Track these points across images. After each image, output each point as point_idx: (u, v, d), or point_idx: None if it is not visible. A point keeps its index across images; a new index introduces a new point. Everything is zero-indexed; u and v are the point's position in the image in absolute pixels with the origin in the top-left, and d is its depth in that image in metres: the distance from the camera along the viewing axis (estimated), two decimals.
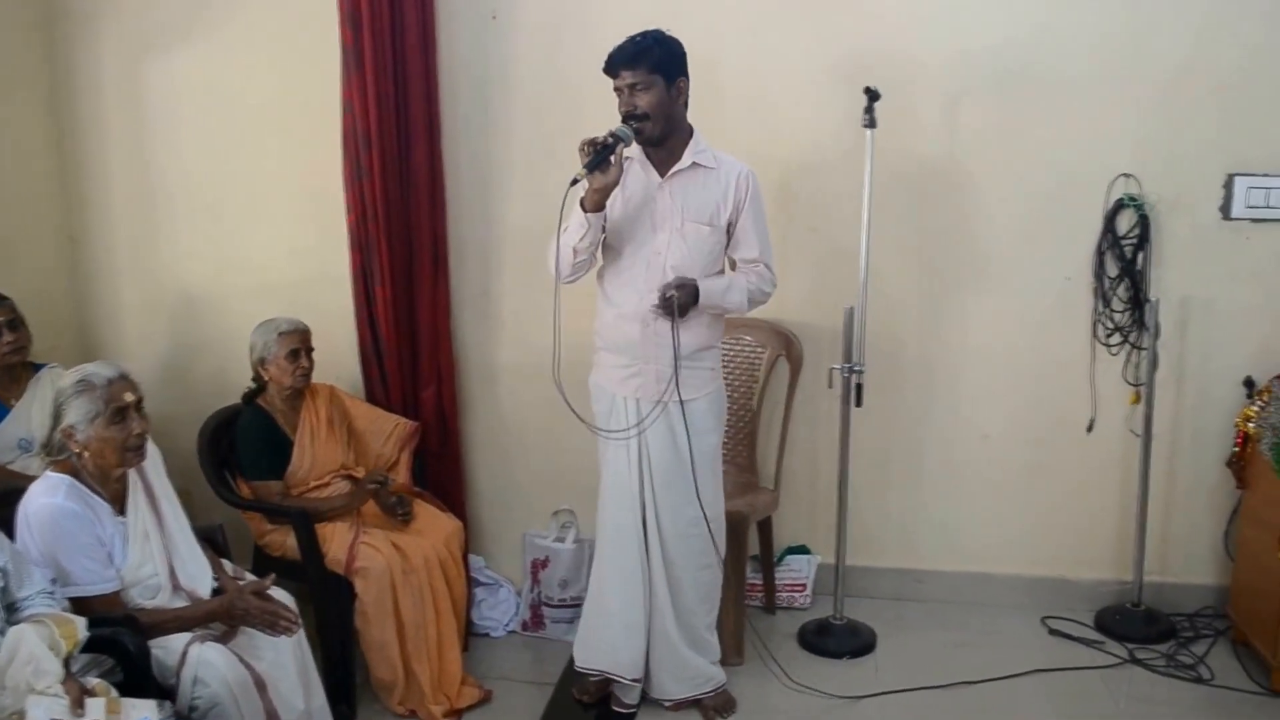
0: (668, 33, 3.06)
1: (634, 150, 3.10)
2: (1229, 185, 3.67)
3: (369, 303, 3.73)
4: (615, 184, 2.97)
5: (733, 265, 3.24)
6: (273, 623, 2.70)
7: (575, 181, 2.93)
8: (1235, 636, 3.73)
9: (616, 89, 3.04)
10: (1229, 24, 3.59)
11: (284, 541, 3.42)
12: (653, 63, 3.00)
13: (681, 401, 3.09)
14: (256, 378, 3.54)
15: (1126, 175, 3.70)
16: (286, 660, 2.82)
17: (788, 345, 3.80)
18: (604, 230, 3.08)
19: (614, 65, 3.02)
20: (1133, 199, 3.69)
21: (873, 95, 3.44)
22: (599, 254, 3.16)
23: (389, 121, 3.61)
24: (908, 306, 3.88)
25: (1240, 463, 3.68)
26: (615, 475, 3.19)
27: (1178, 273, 3.75)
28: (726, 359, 3.74)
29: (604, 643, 3.28)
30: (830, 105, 3.70)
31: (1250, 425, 3.60)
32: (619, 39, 3.06)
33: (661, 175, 3.10)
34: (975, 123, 3.75)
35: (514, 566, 4.05)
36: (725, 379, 3.73)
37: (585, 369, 3.25)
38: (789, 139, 3.78)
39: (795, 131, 3.78)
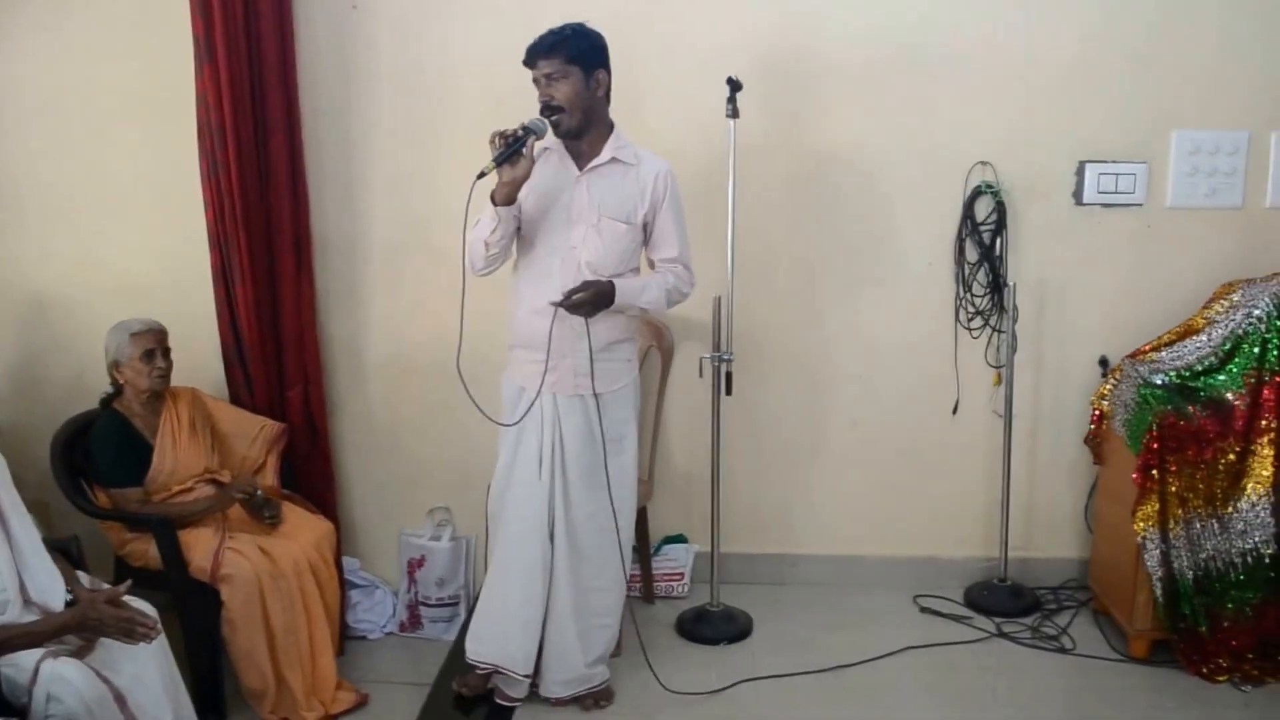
0: (589, 25, 3.07)
1: (554, 143, 3.10)
2: (1080, 172, 3.83)
3: (230, 302, 3.64)
4: (525, 178, 2.95)
5: (651, 264, 3.26)
6: (129, 630, 2.62)
7: (482, 175, 2.90)
8: (1096, 607, 3.90)
9: (534, 80, 3.02)
10: (1073, 15, 3.75)
11: (146, 551, 3.33)
12: (569, 53, 3.00)
13: (597, 395, 3.11)
14: (113, 382, 3.44)
15: (983, 163, 3.83)
16: (149, 673, 2.74)
17: (658, 336, 3.84)
18: (518, 224, 3.07)
19: (531, 55, 3.00)
20: (989, 186, 3.82)
21: (735, 85, 3.49)
22: (514, 248, 3.16)
23: (244, 114, 3.53)
24: (777, 295, 3.95)
25: (1096, 440, 3.85)
26: (522, 471, 3.17)
27: (1034, 257, 3.90)
28: None
29: (499, 636, 3.25)
30: (697, 95, 3.74)
31: (1104, 403, 3.77)
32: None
33: (580, 169, 3.09)
34: (838, 113, 3.84)
35: (390, 567, 4.02)
36: None
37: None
38: (657, 129, 3.78)
39: (663, 122, 3.80)
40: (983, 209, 3.85)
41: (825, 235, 3.92)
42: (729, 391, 3.64)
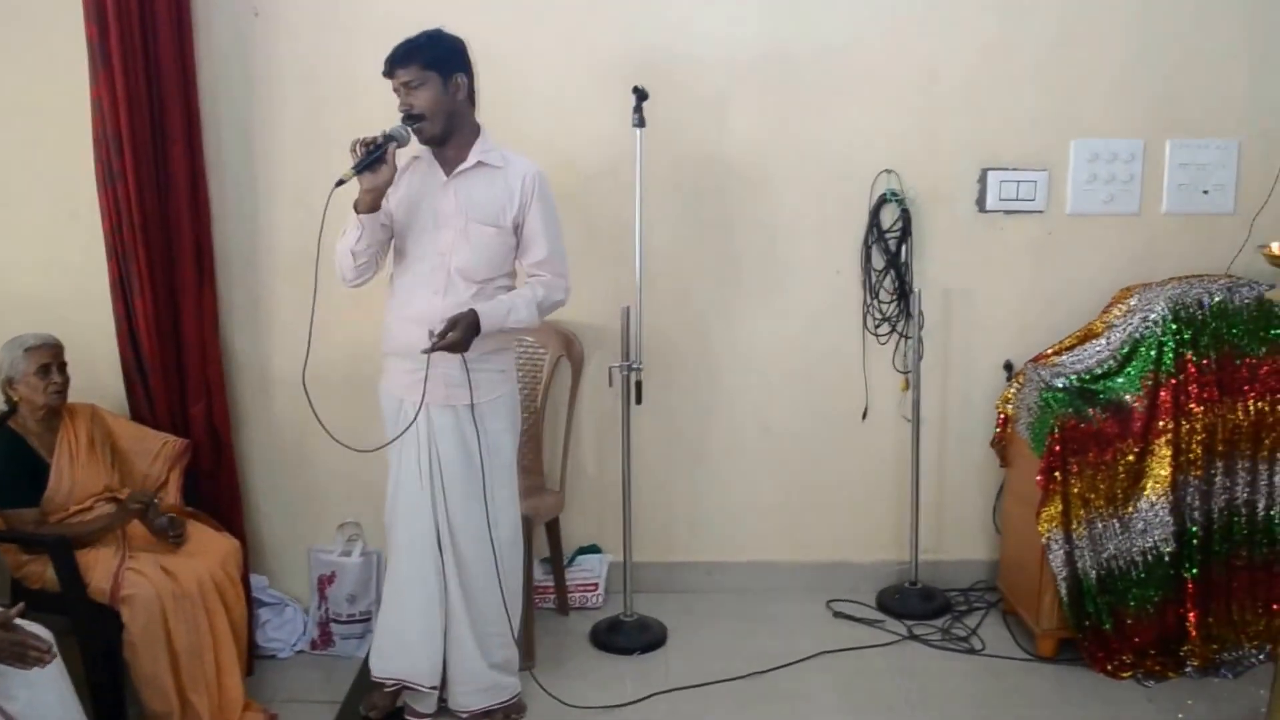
0: (445, 30, 3.04)
1: (424, 150, 3.08)
2: (982, 179, 3.91)
3: (129, 315, 3.55)
4: (387, 185, 2.93)
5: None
6: (21, 655, 2.53)
7: (341, 183, 2.87)
8: (1005, 607, 3.97)
9: (395, 90, 3.01)
10: (975, 26, 3.83)
11: (43, 573, 3.23)
12: (425, 60, 2.97)
13: (472, 405, 3.09)
14: (7, 399, 3.34)
15: (889, 171, 3.89)
16: (46, 698, 2.66)
17: (568, 345, 3.83)
18: (389, 233, 3.05)
19: (389, 65, 3.00)
20: (894, 194, 3.88)
21: (641, 94, 3.51)
22: (389, 258, 3.14)
23: (142, 121, 3.45)
24: (688, 303, 3.97)
25: (1002, 443, 3.92)
26: (406, 482, 3.15)
27: (939, 263, 3.97)
28: None
29: (402, 649, 3.22)
30: (605, 104, 3.74)
31: (1009, 407, 3.85)
32: (388, 35, 3.03)
33: (447, 175, 3.07)
34: (745, 121, 3.87)
35: (300, 584, 3.95)
36: None
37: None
38: (565, 138, 3.82)
39: (571, 130, 3.82)
40: (888, 216, 3.91)
41: (734, 244, 3.95)
42: (639, 401, 3.65)
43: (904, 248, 3.91)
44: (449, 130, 3.04)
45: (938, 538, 4.13)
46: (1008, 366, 3.98)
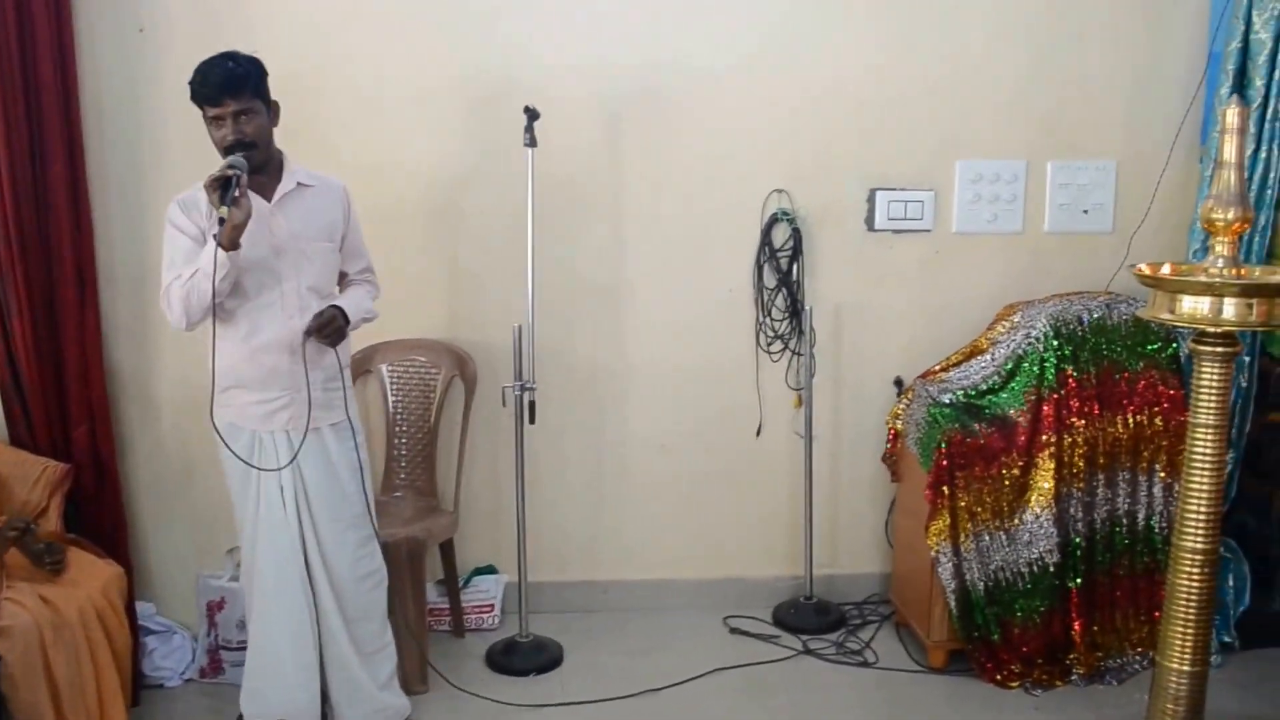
0: (254, 54, 2.98)
1: None
2: (871, 199, 3.97)
3: (6, 337, 3.44)
4: (247, 218, 2.80)
5: (340, 278, 3.22)
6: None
7: (223, 221, 2.74)
8: (898, 620, 4.01)
9: (216, 118, 2.89)
10: (863, 48, 3.89)
11: None
12: (254, 88, 2.92)
13: (333, 426, 3.08)
14: None
15: (780, 190, 3.93)
16: None
17: (461, 365, 3.80)
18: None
19: (216, 92, 2.86)
20: (785, 213, 3.93)
21: (532, 114, 3.50)
22: None
23: (19, 137, 3.35)
24: (581, 322, 3.97)
25: (893, 458, 3.98)
26: (268, 514, 3.07)
27: (830, 282, 4.01)
28: (401, 380, 3.72)
29: (277, 688, 3.14)
30: (495, 123, 3.73)
31: (898, 423, 3.90)
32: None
33: (269, 199, 3.00)
34: (638, 141, 3.89)
35: (188, 610, 3.84)
36: (400, 400, 3.71)
37: None
38: (456, 157, 3.80)
39: (462, 150, 3.80)
40: (780, 235, 3.95)
41: (627, 263, 3.96)
42: (532, 420, 3.63)
43: (795, 266, 3.95)
44: (268, 158, 2.99)
45: (832, 552, 4.17)
46: (898, 382, 4.04)
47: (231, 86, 2.87)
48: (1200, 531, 2.63)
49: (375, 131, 3.75)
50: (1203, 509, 2.62)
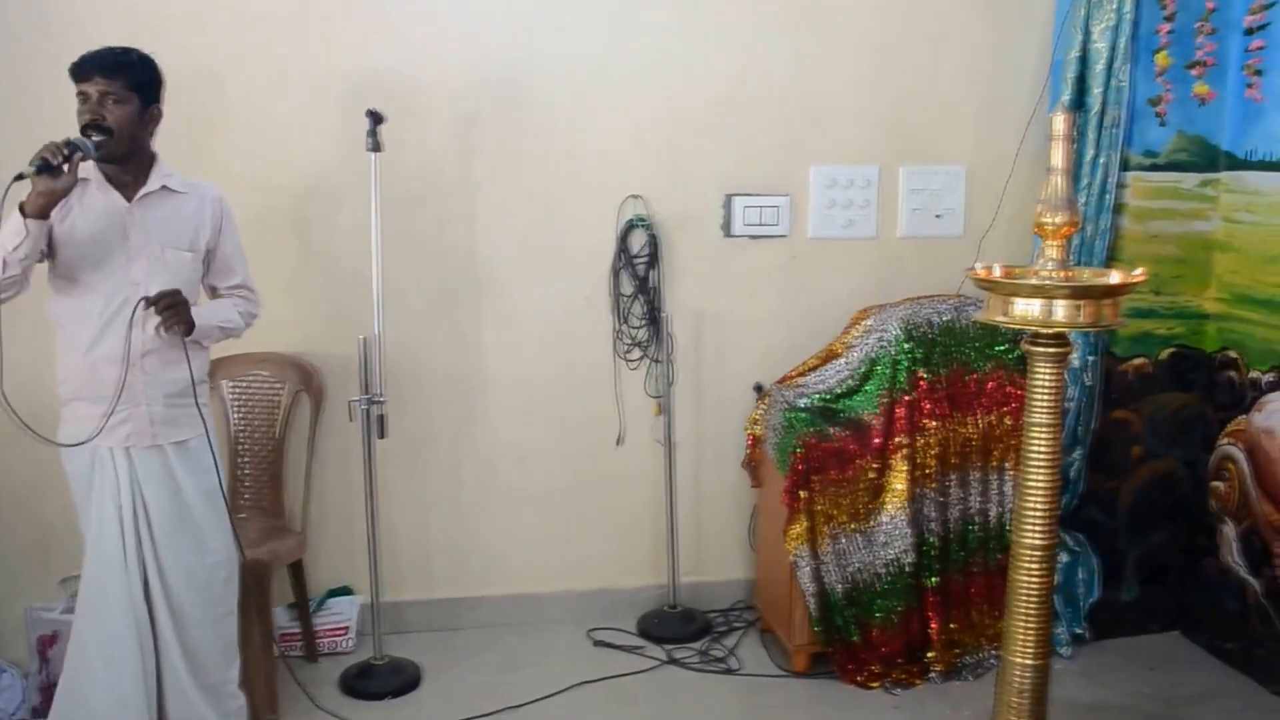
0: (151, 56, 2.92)
1: (91, 172, 2.88)
2: (728, 205, 4.04)
3: None
4: (64, 193, 2.71)
5: (212, 293, 3.14)
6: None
7: (20, 178, 2.64)
8: (762, 625, 4.08)
9: (82, 94, 2.81)
10: (718, 56, 3.96)
11: None
12: (133, 79, 2.84)
13: (180, 443, 2.97)
14: None
15: (635, 196, 3.97)
16: None
17: (307, 379, 3.75)
18: (45, 250, 2.82)
19: (88, 68, 2.80)
20: (642, 219, 3.97)
21: (375, 118, 3.47)
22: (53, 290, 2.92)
23: None
24: (434, 332, 3.95)
25: (753, 463, 4.05)
26: (101, 533, 2.94)
27: (688, 288, 4.07)
28: (243, 396, 3.65)
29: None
30: (340, 128, 3.70)
31: (757, 428, 3.97)
32: (92, 40, 2.88)
33: (128, 200, 2.91)
34: (490, 147, 3.89)
35: (18, 647, 3.69)
36: (243, 418, 3.63)
37: None
38: (300, 162, 3.76)
39: (306, 155, 3.76)
40: (636, 242, 3.99)
41: (481, 270, 3.95)
42: (383, 435, 3.59)
43: (652, 273, 4.00)
44: (128, 154, 2.89)
45: (697, 560, 4.22)
46: (757, 388, 4.11)
47: (104, 65, 2.80)
48: (1038, 527, 2.73)
49: (215, 138, 3.68)
50: (1040, 505, 2.72)
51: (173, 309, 2.84)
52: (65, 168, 2.68)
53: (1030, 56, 4.10)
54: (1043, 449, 2.71)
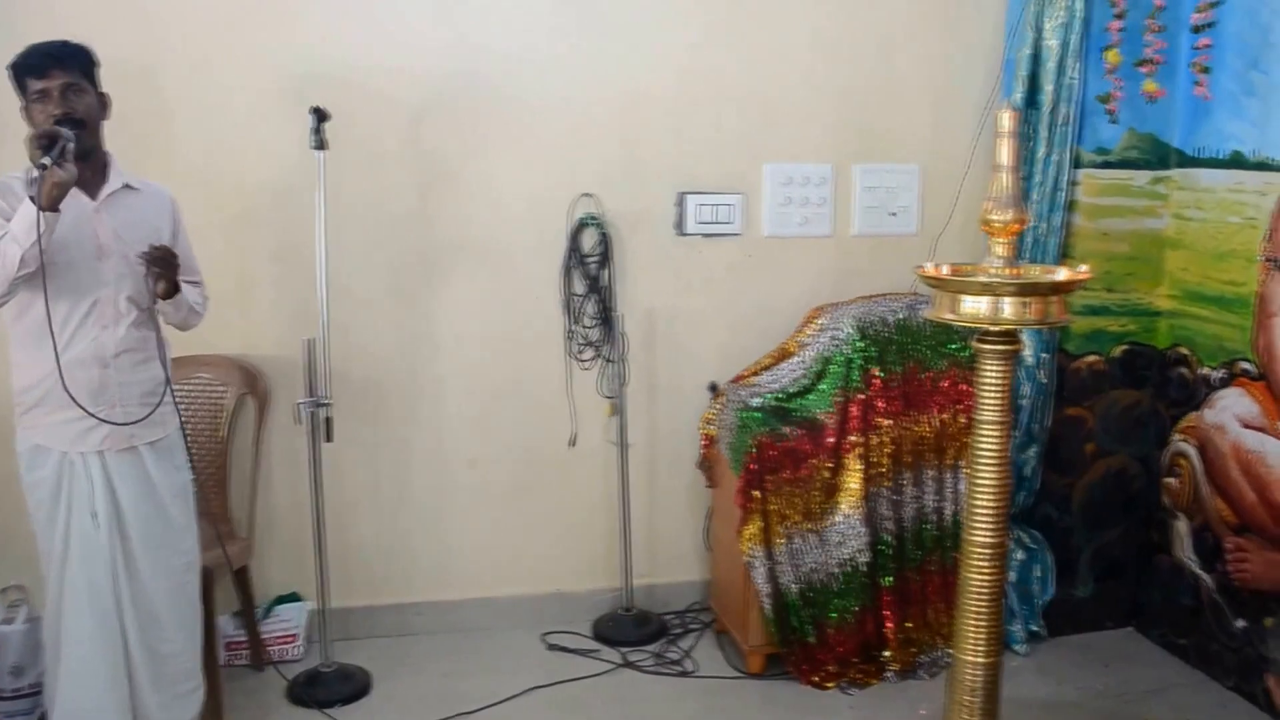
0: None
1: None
2: (681, 203, 4.04)
3: None
4: (73, 183, 2.67)
5: None
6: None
7: (44, 168, 2.57)
8: (718, 627, 4.08)
9: (43, 91, 2.74)
10: (671, 54, 3.96)
11: None
12: (85, 68, 2.82)
13: (153, 443, 2.95)
14: None
15: (588, 195, 3.96)
16: None
17: (252, 382, 3.71)
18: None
19: (45, 63, 2.73)
20: (593, 218, 3.95)
21: (320, 115, 3.44)
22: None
23: None
24: (384, 333, 3.92)
25: (708, 464, 4.04)
26: (84, 545, 2.89)
27: (642, 287, 4.06)
28: (186, 400, 3.60)
29: None
30: (290, 126, 3.65)
31: (711, 428, 3.97)
32: (21, 38, 2.82)
33: (93, 199, 2.87)
34: (439, 146, 3.86)
35: None
36: (186, 421, 3.59)
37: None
38: (251, 161, 3.71)
39: (256, 154, 3.72)
40: (588, 240, 3.98)
41: (432, 270, 3.92)
42: (330, 438, 3.56)
43: (605, 272, 3.98)
44: (93, 148, 2.85)
45: (651, 562, 4.22)
46: (712, 387, 4.11)
47: (59, 58, 2.75)
48: (988, 526, 2.73)
49: (161, 136, 3.63)
50: (989, 504, 2.72)
51: (164, 263, 2.83)
52: (68, 155, 2.64)
53: (984, 54, 4.11)
54: (992, 446, 2.72)
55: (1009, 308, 2.58)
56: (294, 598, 3.96)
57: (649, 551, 4.21)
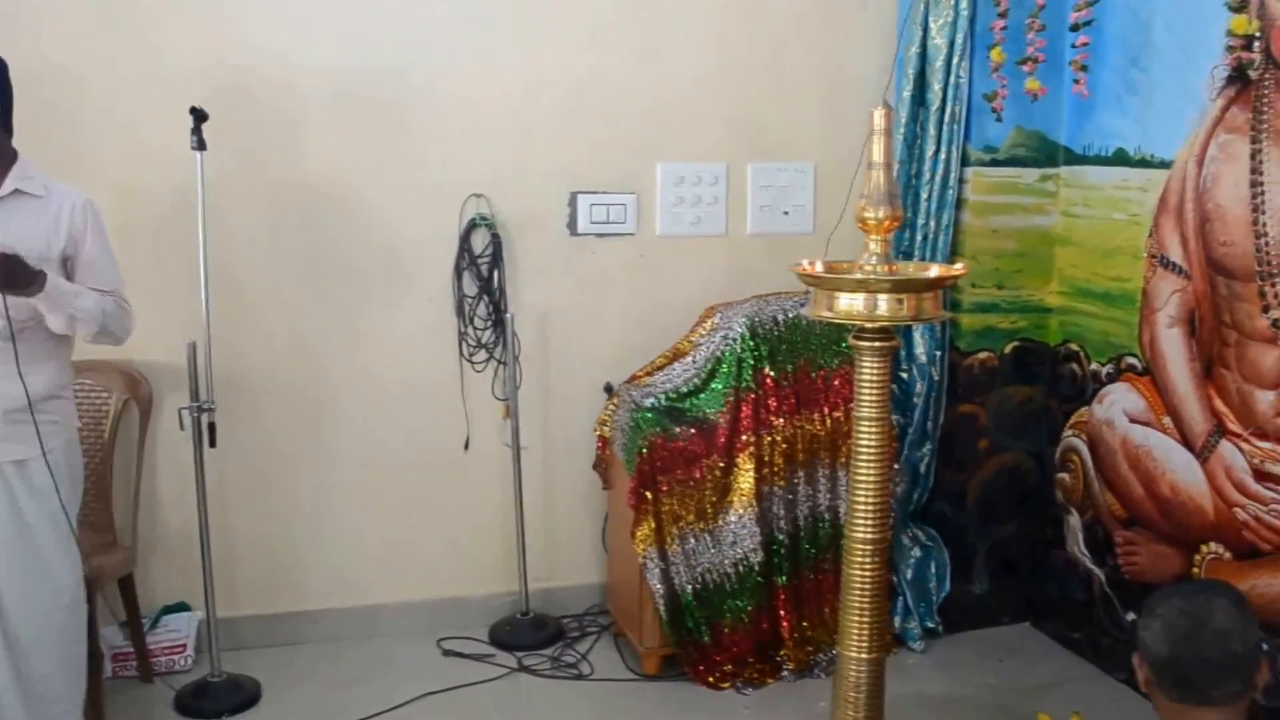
0: None
1: None
2: (573, 203, 4.09)
3: None
4: None
5: None
6: None
7: None
8: (615, 630, 4.14)
9: None
10: (561, 54, 4.01)
11: None
12: None
13: (33, 461, 2.86)
14: None
15: (478, 195, 3.99)
16: None
17: (135, 387, 3.68)
18: None
19: None
20: (484, 218, 3.99)
21: (200, 116, 3.43)
22: None
23: None
24: (272, 337, 3.91)
25: (603, 465, 4.10)
26: None
27: (534, 288, 4.10)
28: None
29: None
30: (171, 126, 3.63)
31: (606, 429, 4.02)
32: None
33: None
34: (328, 144, 3.87)
35: None
36: None
37: None
38: (129, 161, 3.69)
39: (143, 154, 3.70)
40: (479, 241, 4.01)
41: (320, 272, 3.93)
42: (213, 443, 3.55)
43: (496, 273, 4.02)
44: None
45: (549, 565, 4.25)
46: (608, 388, 4.16)
47: None
48: (869, 522, 2.80)
49: (44, 136, 3.59)
50: (870, 499, 2.79)
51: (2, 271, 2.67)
52: None
53: (877, 53, 4.20)
54: (872, 443, 2.79)
55: (884, 304, 2.66)
56: (183, 607, 3.93)
57: (546, 555, 4.24)
